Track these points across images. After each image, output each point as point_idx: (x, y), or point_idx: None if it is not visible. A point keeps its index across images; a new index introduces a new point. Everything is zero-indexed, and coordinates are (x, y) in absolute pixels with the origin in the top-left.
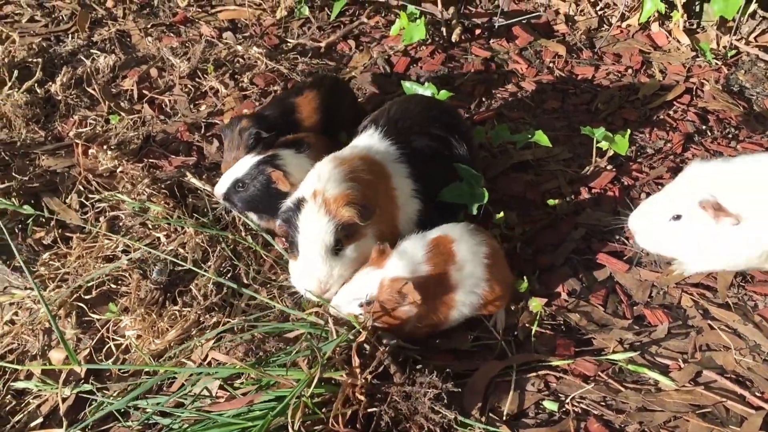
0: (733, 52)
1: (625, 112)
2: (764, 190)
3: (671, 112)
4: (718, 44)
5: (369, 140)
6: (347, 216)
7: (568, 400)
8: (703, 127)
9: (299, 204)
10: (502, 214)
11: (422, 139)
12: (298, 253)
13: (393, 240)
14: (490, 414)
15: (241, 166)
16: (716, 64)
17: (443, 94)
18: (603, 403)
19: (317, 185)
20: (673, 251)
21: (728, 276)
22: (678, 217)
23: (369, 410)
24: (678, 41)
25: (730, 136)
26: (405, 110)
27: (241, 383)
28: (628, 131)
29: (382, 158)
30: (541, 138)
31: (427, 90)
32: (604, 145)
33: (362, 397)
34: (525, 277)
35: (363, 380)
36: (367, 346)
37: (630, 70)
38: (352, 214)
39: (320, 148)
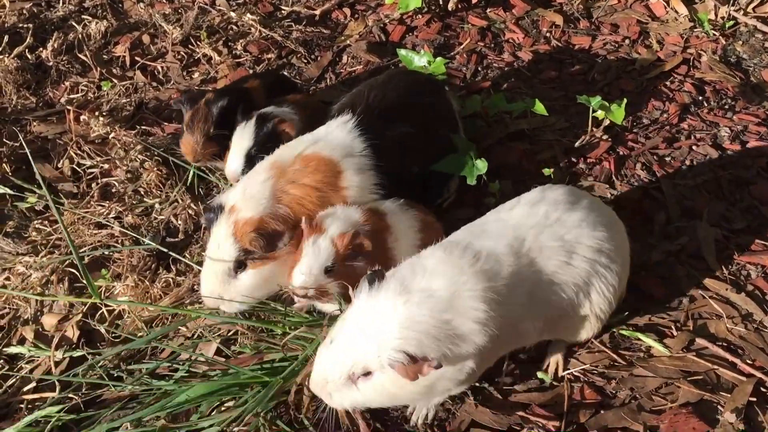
0: (731, 22)
1: (622, 82)
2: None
3: (668, 83)
4: (716, 15)
5: (337, 131)
6: (250, 244)
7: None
8: (700, 98)
9: (218, 211)
10: (497, 183)
11: (398, 127)
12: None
13: None
14: (483, 381)
15: (243, 137)
16: (714, 34)
17: (438, 63)
18: (595, 370)
19: (238, 200)
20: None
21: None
22: (369, 374)
23: None
24: (676, 11)
25: (726, 107)
26: (383, 96)
27: (240, 351)
28: (625, 100)
29: (339, 154)
30: (538, 107)
31: (423, 58)
32: (600, 114)
33: None
34: None
35: None
36: None
37: (627, 41)
38: (256, 244)
39: (304, 105)
